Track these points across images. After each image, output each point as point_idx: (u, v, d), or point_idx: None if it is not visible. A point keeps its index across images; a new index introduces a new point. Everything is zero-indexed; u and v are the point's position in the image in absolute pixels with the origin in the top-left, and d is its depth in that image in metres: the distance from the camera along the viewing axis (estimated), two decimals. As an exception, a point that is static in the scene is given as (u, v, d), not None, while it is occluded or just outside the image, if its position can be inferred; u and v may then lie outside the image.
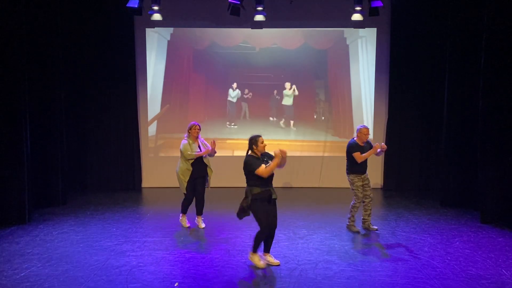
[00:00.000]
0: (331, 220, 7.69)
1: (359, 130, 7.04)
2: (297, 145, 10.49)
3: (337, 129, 10.53)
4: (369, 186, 7.10)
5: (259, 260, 5.67)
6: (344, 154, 7.14)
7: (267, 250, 5.79)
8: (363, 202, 7.10)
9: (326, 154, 10.51)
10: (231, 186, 10.05)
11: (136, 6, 8.47)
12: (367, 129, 7.06)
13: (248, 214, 5.60)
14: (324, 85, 10.56)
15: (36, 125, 8.16)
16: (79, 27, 9.68)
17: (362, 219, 7.18)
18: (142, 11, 9.02)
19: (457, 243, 6.61)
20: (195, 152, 7.03)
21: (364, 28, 10.04)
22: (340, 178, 10.43)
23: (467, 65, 8.38)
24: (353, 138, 7.11)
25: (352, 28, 10.17)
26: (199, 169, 7.12)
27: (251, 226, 7.33)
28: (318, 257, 5.98)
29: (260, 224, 5.57)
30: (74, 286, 5.10)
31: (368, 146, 7.06)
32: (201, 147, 7.17)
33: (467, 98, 8.43)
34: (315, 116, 10.61)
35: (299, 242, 6.56)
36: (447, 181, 8.76)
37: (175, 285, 5.13)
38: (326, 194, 9.82)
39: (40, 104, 8.28)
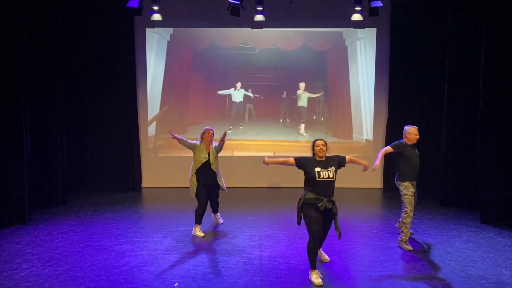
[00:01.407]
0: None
1: (406, 131, 6.31)
2: (296, 145, 10.49)
3: (336, 130, 10.53)
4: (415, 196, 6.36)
5: (316, 277, 5.18)
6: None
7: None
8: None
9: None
10: (230, 186, 10.04)
11: (136, 6, 8.48)
12: (415, 128, 6.31)
13: (301, 218, 5.35)
14: (323, 86, 10.56)
15: (36, 125, 8.17)
16: (79, 27, 9.69)
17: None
18: (142, 11, 9.03)
19: (457, 243, 6.61)
20: (202, 156, 6.85)
21: (364, 28, 10.04)
22: (340, 178, 10.42)
23: (467, 65, 8.39)
24: (401, 139, 6.41)
25: (351, 30, 10.18)
26: (208, 177, 6.92)
27: (251, 227, 7.34)
28: (318, 257, 5.98)
29: (308, 231, 5.23)
30: (74, 286, 5.09)
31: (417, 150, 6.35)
32: (211, 154, 6.92)
33: (467, 98, 8.43)
34: (314, 117, 10.61)
35: (299, 242, 6.55)
36: (447, 181, 8.76)
37: (175, 285, 5.13)
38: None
39: (40, 104, 8.28)
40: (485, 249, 6.35)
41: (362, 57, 10.39)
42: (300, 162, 5.39)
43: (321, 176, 5.23)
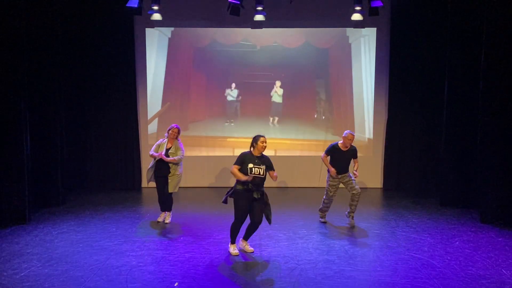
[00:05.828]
0: (331, 220, 7.69)
1: (343, 136, 7.30)
2: (297, 144, 10.49)
3: (338, 129, 10.51)
4: (351, 183, 7.27)
5: (234, 248, 6.09)
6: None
7: (246, 237, 6.19)
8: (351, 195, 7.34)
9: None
10: (230, 186, 10.04)
11: (136, 6, 8.48)
12: (351, 135, 7.26)
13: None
14: (324, 84, 10.55)
15: (36, 125, 8.15)
16: (79, 27, 9.68)
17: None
18: (142, 11, 9.02)
19: (457, 243, 6.61)
20: (162, 152, 7.26)
21: (364, 27, 10.03)
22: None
23: (467, 65, 8.38)
24: (337, 142, 7.38)
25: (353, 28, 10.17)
26: (161, 168, 7.31)
27: (251, 226, 7.34)
28: (318, 257, 5.98)
29: (235, 214, 5.99)
30: (74, 286, 5.10)
31: (351, 152, 7.29)
32: (172, 150, 7.27)
33: (467, 98, 8.42)
34: (315, 116, 10.61)
35: (299, 242, 6.56)
36: (447, 181, 8.76)
37: (175, 285, 5.14)
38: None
39: (40, 104, 8.27)
40: (485, 249, 6.35)
41: (366, 55, 10.35)
42: (241, 163, 5.91)
43: (253, 172, 5.82)
